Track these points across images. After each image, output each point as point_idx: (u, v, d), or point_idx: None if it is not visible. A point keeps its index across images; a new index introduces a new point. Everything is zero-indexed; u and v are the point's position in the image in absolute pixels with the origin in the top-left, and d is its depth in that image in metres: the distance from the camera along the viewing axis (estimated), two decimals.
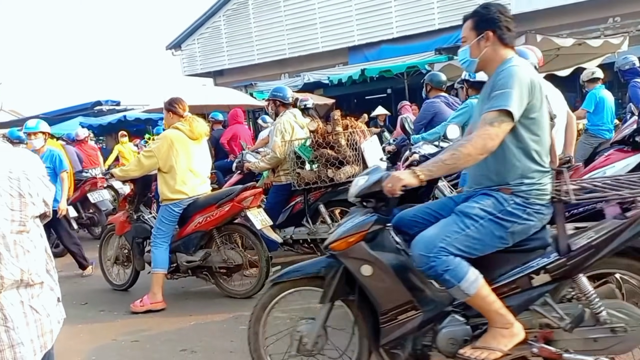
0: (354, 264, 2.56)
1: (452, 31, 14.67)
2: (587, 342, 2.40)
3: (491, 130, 2.30)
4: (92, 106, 15.70)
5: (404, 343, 2.52)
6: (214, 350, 3.61)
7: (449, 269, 2.38)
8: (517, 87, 2.31)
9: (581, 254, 2.36)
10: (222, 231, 4.68)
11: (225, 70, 19.02)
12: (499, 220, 2.40)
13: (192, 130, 4.49)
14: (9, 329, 1.79)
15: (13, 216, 1.79)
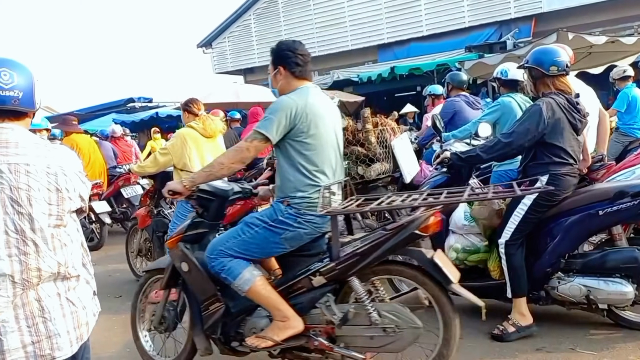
0: (176, 260, 3.06)
1: (483, 29, 14.46)
2: (364, 340, 2.69)
3: (243, 145, 2.81)
4: (125, 103, 16.03)
5: (216, 329, 2.94)
6: None
7: (224, 268, 2.81)
8: (278, 114, 2.74)
9: (347, 260, 2.68)
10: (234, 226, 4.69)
11: (256, 68, 19.14)
12: (272, 227, 2.79)
13: (205, 128, 4.66)
14: (46, 320, 1.86)
15: (51, 210, 1.86)
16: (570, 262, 3.33)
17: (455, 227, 3.66)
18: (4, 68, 1.85)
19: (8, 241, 1.78)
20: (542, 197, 3.22)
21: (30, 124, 2.02)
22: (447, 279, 2.66)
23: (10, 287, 1.79)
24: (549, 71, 3.29)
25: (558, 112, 3.21)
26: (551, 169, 3.24)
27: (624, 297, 3.15)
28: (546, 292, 3.37)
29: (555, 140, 3.23)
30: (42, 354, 1.86)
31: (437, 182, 3.86)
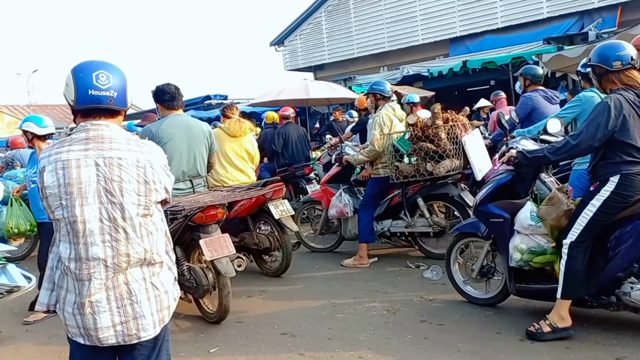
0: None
1: (563, 19, 13.76)
2: None
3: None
4: (202, 100, 16.59)
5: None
6: (313, 335, 3.73)
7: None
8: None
9: None
10: (255, 218, 5.28)
11: (326, 65, 19.31)
12: None
13: (230, 129, 5.48)
14: (133, 302, 2.01)
15: (139, 201, 2.00)
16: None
17: (520, 227, 3.56)
18: (101, 70, 2.01)
19: (102, 228, 1.94)
20: (613, 198, 3.09)
21: (121, 121, 2.19)
22: None
23: (103, 271, 1.95)
24: (613, 67, 3.14)
25: (627, 109, 3.06)
26: (622, 169, 3.08)
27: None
28: (617, 298, 3.22)
29: (626, 138, 3.07)
30: (129, 334, 2.00)
31: (501, 181, 3.76)
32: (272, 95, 10.79)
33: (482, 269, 3.94)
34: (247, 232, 5.22)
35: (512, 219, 3.60)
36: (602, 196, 3.11)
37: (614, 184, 3.08)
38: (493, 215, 3.72)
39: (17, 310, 4.59)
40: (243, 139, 5.56)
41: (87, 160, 1.94)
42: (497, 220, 3.69)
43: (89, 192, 1.93)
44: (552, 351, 3.18)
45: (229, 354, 3.55)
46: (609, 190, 3.10)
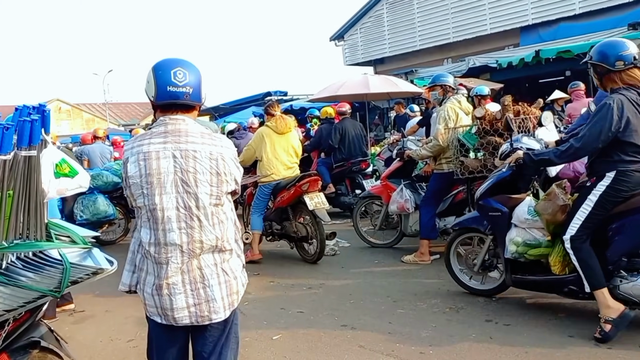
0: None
1: None
2: None
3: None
4: (263, 97, 16.91)
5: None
6: (373, 329, 3.77)
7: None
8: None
9: None
10: (295, 209, 5.76)
11: (386, 58, 19.16)
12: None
13: (277, 126, 5.76)
14: (205, 286, 2.14)
15: (211, 191, 2.13)
16: (636, 261, 3.28)
17: (517, 220, 3.71)
18: (179, 68, 2.13)
19: (178, 216, 2.08)
20: (609, 194, 3.19)
21: (196, 116, 2.31)
22: None
23: (179, 256, 2.09)
24: (615, 66, 3.14)
25: (630, 109, 3.09)
26: (619, 166, 3.16)
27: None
28: (609, 290, 3.29)
29: (629, 138, 3.12)
30: (201, 315, 2.14)
31: (501, 176, 3.93)
32: (331, 90, 10.83)
33: (484, 262, 4.14)
34: (288, 222, 5.78)
35: (510, 213, 3.76)
36: (599, 191, 3.21)
37: (610, 179, 3.17)
38: (492, 209, 3.91)
39: (97, 292, 4.91)
40: (289, 135, 5.89)
41: (165, 152, 2.08)
42: (495, 213, 3.89)
43: (167, 182, 2.07)
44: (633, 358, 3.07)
45: (290, 341, 3.65)
46: (605, 185, 3.19)
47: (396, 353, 3.36)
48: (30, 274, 2.34)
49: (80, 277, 2.54)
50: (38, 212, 2.42)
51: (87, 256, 2.65)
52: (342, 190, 8.35)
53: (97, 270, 2.59)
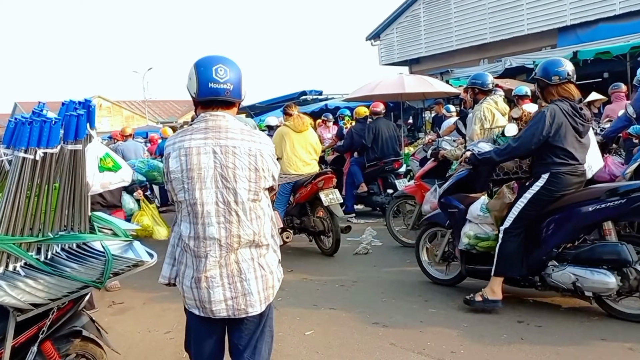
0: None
1: None
2: None
3: None
4: (298, 96, 17.02)
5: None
6: (404, 327, 3.78)
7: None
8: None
9: None
10: (312, 205, 6.11)
11: (422, 58, 19.01)
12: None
13: (295, 125, 6.15)
14: (242, 280, 2.18)
15: (250, 187, 2.16)
16: (565, 253, 3.72)
17: (471, 216, 4.18)
18: (220, 65, 2.17)
19: (217, 211, 2.12)
20: (541, 193, 3.65)
21: (236, 112, 2.35)
22: None
23: (218, 249, 2.13)
24: (552, 80, 3.65)
25: (561, 117, 3.56)
26: (552, 168, 3.62)
27: (606, 287, 3.49)
28: (542, 278, 3.80)
29: (558, 143, 3.59)
30: (238, 308, 2.18)
31: (459, 177, 4.40)
32: (367, 90, 10.81)
33: (444, 254, 4.63)
34: (306, 217, 6.12)
35: (466, 210, 4.22)
36: (533, 190, 3.68)
37: (544, 180, 3.64)
38: (451, 206, 4.40)
39: (136, 285, 5.06)
40: (307, 133, 6.27)
41: (206, 147, 2.12)
42: (453, 210, 4.37)
43: (207, 177, 2.11)
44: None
45: (322, 337, 3.69)
46: (539, 185, 3.66)
47: (427, 351, 3.36)
48: (74, 264, 2.44)
49: (121, 269, 2.63)
50: (82, 204, 2.52)
51: (128, 249, 2.75)
52: (375, 190, 8.35)
53: (137, 263, 2.68)
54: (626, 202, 3.46)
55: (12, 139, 2.27)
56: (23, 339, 2.47)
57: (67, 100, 2.45)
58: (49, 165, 2.30)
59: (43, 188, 2.30)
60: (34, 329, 2.51)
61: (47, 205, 2.34)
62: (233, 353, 2.33)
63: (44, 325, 2.52)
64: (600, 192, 3.58)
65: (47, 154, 2.27)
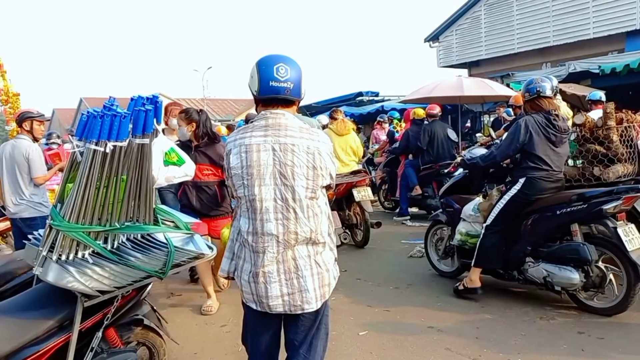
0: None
1: None
2: None
3: None
4: (355, 97, 16.96)
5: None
6: (460, 333, 3.70)
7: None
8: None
9: None
10: (348, 200, 6.55)
11: (482, 61, 18.55)
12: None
13: (338, 128, 6.75)
14: (299, 276, 2.19)
15: (307, 184, 2.17)
16: (539, 251, 4.10)
17: (465, 215, 4.63)
18: (281, 63, 2.18)
19: (275, 207, 2.14)
20: (518, 196, 4.06)
21: (296, 110, 2.37)
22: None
23: (275, 245, 2.15)
24: (525, 97, 4.20)
25: (534, 128, 3.99)
26: (528, 173, 4.04)
27: (570, 282, 3.89)
28: (520, 272, 4.22)
29: (532, 150, 4.00)
30: (294, 304, 2.19)
31: (456, 179, 5.00)
32: (424, 91, 10.65)
33: (446, 249, 5.04)
34: (341, 211, 6.55)
35: (461, 210, 4.66)
36: (511, 193, 4.10)
37: (521, 184, 4.05)
38: (449, 206, 4.91)
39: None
40: (348, 137, 6.82)
41: (265, 145, 2.14)
42: (450, 209, 4.88)
43: (266, 174, 2.13)
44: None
45: (376, 338, 3.67)
46: (516, 189, 4.07)
47: (483, 358, 3.28)
48: (139, 254, 2.52)
49: (183, 261, 2.71)
50: (148, 197, 2.60)
51: (189, 241, 2.82)
52: (429, 193, 8.24)
53: (198, 255, 2.75)
54: (587, 207, 3.86)
55: (85, 131, 2.38)
56: (89, 324, 2.58)
57: (136, 96, 2.53)
58: (117, 158, 2.38)
59: (111, 180, 2.39)
60: (99, 315, 2.62)
61: (115, 196, 2.43)
62: (289, 348, 2.35)
63: (108, 312, 2.63)
64: (568, 197, 3.97)
65: (116, 147, 2.36)
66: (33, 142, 4.84)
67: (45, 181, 4.87)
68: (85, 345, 2.57)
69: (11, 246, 5.95)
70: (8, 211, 4.79)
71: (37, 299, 2.58)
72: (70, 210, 2.32)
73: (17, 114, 4.84)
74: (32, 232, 2.84)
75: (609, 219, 3.83)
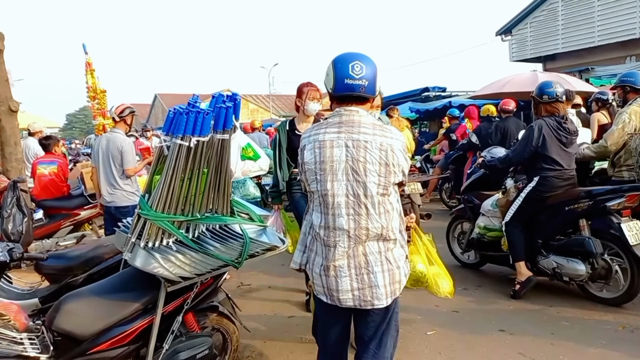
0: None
1: None
2: None
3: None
4: (420, 92, 16.65)
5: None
6: (533, 338, 3.59)
7: None
8: None
9: None
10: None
11: (558, 55, 17.71)
12: None
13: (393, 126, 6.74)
14: (369, 272, 2.20)
15: (379, 181, 2.18)
16: (550, 244, 4.40)
17: (484, 210, 4.96)
18: (357, 61, 2.20)
19: (347, 203, 2.16)
20: (533, 193, 4.31)
21: (369, 107, 2.37)
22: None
23: (346, 240, 2.17)
24: (542, 99, 4.30)
25: (547, 131, 4.21)
26: (541, 173, 4.31)
27: (577, 274, 4.20)
28: (534, 264, 4.48)
29: (545, 152, 4.24)
30: (364, 299, 2.21)
31: (476, 177, 5.32)
32: (496, 87, 10.34)
33: (467, 242, 5.30)
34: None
35: (481, 205, 5.01)
36: (526, 191, 4.37)
37: (535, 182, 4.33)
38: (469, 201, 5.28)
39: (261, 269, 5.35)
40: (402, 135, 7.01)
41: (339, 141, 2.17)
42: (471, 204, 5.25)
43: (338, 169, 2.16)
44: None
45: (445, 339, 3.63)
46: (531, 186, 4.34)
47: None
48: (217, 244, 2.63)
49: (257, 252, 2.80)
50: (226, 189, 2.71)
51: (262, 233, 2.92)
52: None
53: (271, 247, 2.84)
54: (593, 203, 4.15)
55: (171, 127, 2.51)
56: (170, 308, 2.73)
57: (217, 93, 2.64)
58: (200, 152, 2.50)
59: (194, 173, 2.51)
60: (179, 300, 2.76)
61: (197, 188, 2.54)
62: (358, 343, 2.37)
63: (188, 297, 2.76)
64: (577, 194, 4.25)
65: (199, 141, 2.47)
66: (126, 136, 5.15)
67: (135, 173, 5.14)
68: (166, 329, 2.72)
69: (96, 232, 6.34)
70: (103, 199, 5.11)
71: (125, 282, 2.75)
72: (157, 200, 2.45)
73: (120, 108, 5.11)
74: (123, 219, 3.03)
75: (614, 215, 4.12)
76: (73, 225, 6.31)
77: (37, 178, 6.43)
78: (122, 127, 5.13)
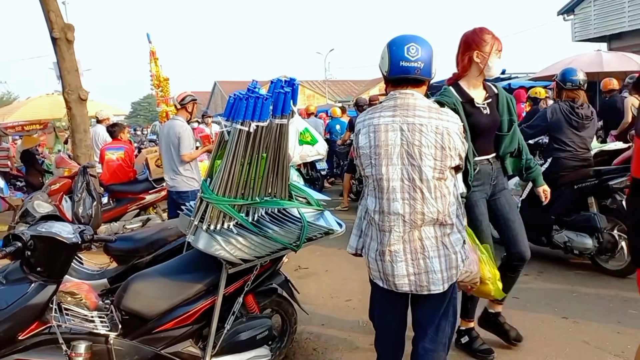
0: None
1: None
2: None
3: None
4: None
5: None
6: (598, 326, 3.48)
7: None
8: None
9: None
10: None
11: (624, 33, 16.76)
12: None
13: None
14: (425, 257, 2.18)
15: (435, 165, 2.14)
16: (563, 220, 4.69)
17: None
18: (412, 43, 2.17)
19: (402, 187, 2.14)
20: (546, 172, 4.24)
21: (425, 90, 2.33)
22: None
23: (401, 225, 2.16)
24: (565, 85, 4.53)
25: (559, 114, 4.48)
26: (553, 154, 4.58)
27: (584, 247, 4.50)
28: (548, 239, 4.78)
29: (557, 134, 4.52)
30: (420, 285, 2.19)
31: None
32: (558, 68, 9.86)
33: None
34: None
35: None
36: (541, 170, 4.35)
37: (549, 163, 4.59)
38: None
39: (318, 253, 5.41)
40: None
41: (393, 125, 2.15)
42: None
43: (393, 154, 2.14)
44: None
45: None
46: (544, 167, 4.52)
47: (627, 355, 3.04)
48: (276, 227, 2.68)
49: (314, 235, 2.83)
50: (284, 174, 2.74)
51: (319, 217, 2.94)
52: None
53: (329, 231, 2.86)
54: (598, 182, 4.45)
55: (232, 112, 2.56)
56: (231, 289, 2.81)
57: (275, 79, 2.67)
58: (259, 137, 2.54)
59: (254, 157, 2.55)
60: (240, 281, 2.84)
61: (257, 172, 2.59)
62: (416, 329, 2.36)
63: (248, 279, 2.83)
64: (587, 173, 4.51)
65: (259, 127, 2.51)
66: (186, 123, 5.29)
67: (191, 159, 5.17)
68: (227, 310, 2.80)
69: (160, 216, 6.58)
70: (167, 184, 5.31)
71: (188, 264, 2.85)
72: (219, 184, 2.51)
73: (182, 96, 5.26)
74: (184, 204, 3.14)
75: (617, 193, 4.44)
76: (139, 209, 6.57)
77: (106, 163, 6.72)
78: (183, 114, 5.27)
